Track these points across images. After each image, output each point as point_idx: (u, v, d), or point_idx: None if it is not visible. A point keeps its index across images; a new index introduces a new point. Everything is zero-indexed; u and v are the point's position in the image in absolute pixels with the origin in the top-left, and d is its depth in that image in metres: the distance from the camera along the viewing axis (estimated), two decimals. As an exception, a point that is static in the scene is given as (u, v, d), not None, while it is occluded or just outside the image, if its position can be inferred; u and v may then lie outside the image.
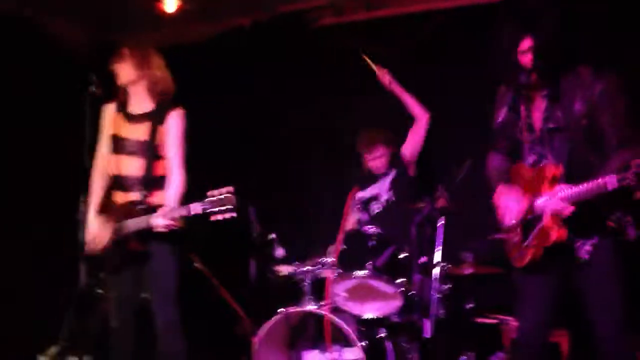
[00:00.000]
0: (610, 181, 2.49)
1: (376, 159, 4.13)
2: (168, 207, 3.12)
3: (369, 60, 4.18)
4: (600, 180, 2.53)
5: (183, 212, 3.03)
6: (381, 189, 4.13)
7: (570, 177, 2.70)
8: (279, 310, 3.65)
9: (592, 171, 2.64)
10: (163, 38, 4.82)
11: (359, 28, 4.75)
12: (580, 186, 2.61)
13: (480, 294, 3.91)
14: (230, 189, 2.96)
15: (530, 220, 2.81)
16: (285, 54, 4.87)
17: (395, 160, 4.15)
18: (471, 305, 3.83)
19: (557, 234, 2.68)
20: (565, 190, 2.66)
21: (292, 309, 3.65)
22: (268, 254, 3.92)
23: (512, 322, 3.62)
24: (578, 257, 2.72)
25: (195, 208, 3.00)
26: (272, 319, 3.64)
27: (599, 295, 2.72)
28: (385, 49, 4.47)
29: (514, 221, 2.91)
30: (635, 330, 2.96)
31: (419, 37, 4.44)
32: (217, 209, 2.95)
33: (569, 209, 2.64)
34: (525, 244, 2.82)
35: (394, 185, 4.10)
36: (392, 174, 4.14)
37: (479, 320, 3.88)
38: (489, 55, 2.86)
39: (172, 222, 3.07)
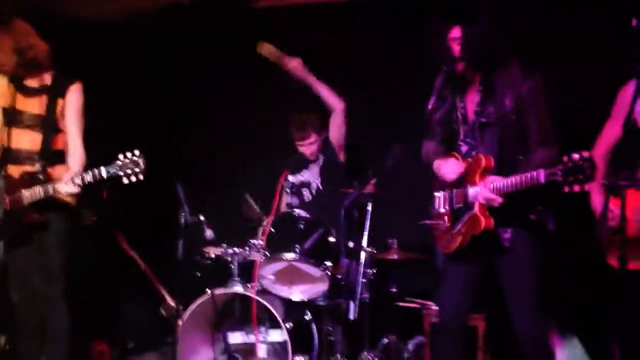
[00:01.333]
0: (539, 176, 2.62)
1: (307, 145, 4.14)
2: (73, 172, 3.14)
3: (268, 51, 4.14)
4: (530, 174, 2.66)
5: (88, 177, 3.05)
6: (312, 176, 4.16)
7: (500, 170, 2.83)
8: (205, 292, 3.63)
9: (517, 166, 2.79)
10: (90, 12, 4.65)
11: (298, 11, 4.72)
12: (511, 179, 2.73)
13: (403, 279, 4.03)
14: (137, 152, 2.99)
15: (460, 208, 2.94)
16: (222, 33, 4.79)
17: (325, 146, 4.18)
18: (394, 289, 3.94)
19: (485, 222, 2.81)
20: (497, 182, 2.78)
21: (218, 291, 3.64)
22: (197, 235, 3.89)
23: (433, 307, 3.73)
24: (500, 245, 2.87)
25: (102, 172, 3.02)
26: (198, 300, 3.63)
27: (516, 280, 2.88)
28: (324, 35, 4.47)
29: (442, 209, 3.04)
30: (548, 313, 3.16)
31: (355, 25, 4.46)
32: (124, 172, 2.98)
33: (498, 200, 2.77)
34: (454, 230, 2.94)
35: (323, 172, 4.13)
36: (322, 160, 4.16)
37: (402, 304, 4.00)
38: (426, 43, 2.95)
39: (77, 189, 3.09)
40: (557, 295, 3.59)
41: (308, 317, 3.73)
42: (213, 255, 3.87)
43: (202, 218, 3.91)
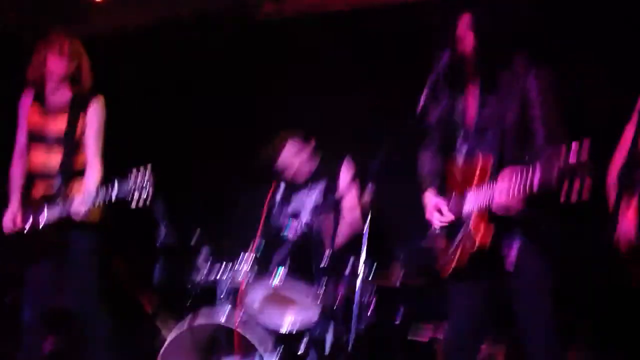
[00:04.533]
0: (534, 181, 2.28)
1: (292, 165, 3.75)
2: (87, 192, 3.08)
3: None
4: (526, 180, 2.32)
5: (102, 195, 3.00)
6: (304, 205, 3.75)
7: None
8: (184, 322, 3.33)
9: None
10: (93, 27, 4.57)
11: (303, 23, 4.52)
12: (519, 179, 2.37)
13: (412, 307, 3.65)
14: (149, 166, 2.94)
15: (455, 225, 2.61)
16: (223, 46, 4.62)
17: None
18: (400, 319, 3.55)
19: (481, 239, 2.48)
20: (507, 185, 2.38)
21: (197, 322, 3.32)
22: (189, 254, 3.63)
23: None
24: (504, 264, 2.52)
25: (112, 193, 2.97)
26: (174, 332, 3.33)
27: (526, 305, 2.53)
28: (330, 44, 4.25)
29: (437, 229, 2.71)
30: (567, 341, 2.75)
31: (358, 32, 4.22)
32: (136, 188, 2.91)
33: (517, 207, 2.38)
34: (450, 250, 2.62)
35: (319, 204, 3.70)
36: (320, 187, 3.72)
37: (411, 337, 3.60)
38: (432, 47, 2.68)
39: (87, 209, 3.07)
40: (577, 319, 3.17)
41: (301, 350, 3.37)
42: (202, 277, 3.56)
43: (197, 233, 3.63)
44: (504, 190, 2.37)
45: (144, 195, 2.90)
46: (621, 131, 2.71)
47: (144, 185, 2.90)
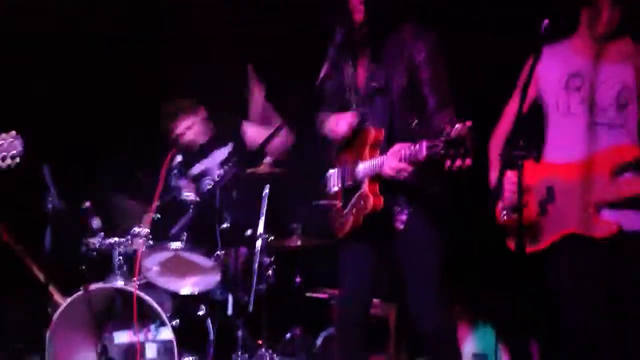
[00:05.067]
0: (421, 148, 2.33)
1: (186, 131, 3.69)
2: None
3: None
4: (415, 146, 2.37)
5: None
6: (213, 163, 3.71)
7: (392, 141, 2.54)
8: (79, 289, 3.22)
9: (414, 135, 2.50)
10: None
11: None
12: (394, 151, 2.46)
13: (310, 267, 3.73)
14: (13, 132, 2.68)
15: (350, 187, 2.68)
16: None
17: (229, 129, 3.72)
18: (298, 279, 3.63)
19: (374, 201, 2.55)
20: (405, 150, 2.43)
21: (94, 286, 3.23)
22: (80, 223, 3.48)
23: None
24: (395, 226, 2.61)
25: None
26: (69, 298, 3.21)
27: (414, 267, 2.62)
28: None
29: (335, 188, 2.76)
30: (453, 301, 2.89)
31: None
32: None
33: (409, 169, 2.42)
34: (346, 211, 2.69)
35: (231, 159, 3.68)
36: (230, 146, 3.68)
37: (309, 294, 3.69)
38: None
39: None
40: (464, 283, 3.36)
41: (202, 312, 3.37)
42: (97, 246, 3.44)
43: (87, 205, 3.49)
44: (392, 163, 2.45)
45: (9, 161, 2.67)
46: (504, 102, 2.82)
47: (8, 149, 2.67)
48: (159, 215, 3.34)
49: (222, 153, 3.70)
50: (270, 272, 3.44)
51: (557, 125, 2.55)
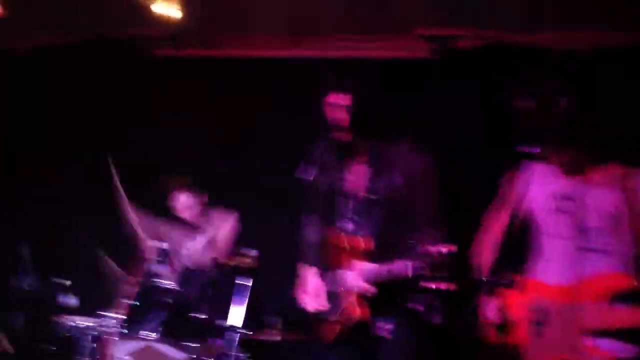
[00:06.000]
0: (407, 268, 2.39)
1: (185, 210, 3.70)
2: None
3: None
4: (399, 265, 2.43)
5: None
6: (196, 248, 3.68)
7: (381, 252, 2.57)
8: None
9: (404, 248, 2.50)
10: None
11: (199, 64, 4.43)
12: (382, 268, 2.50)
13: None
14: None
15: (335, 294, 2.65)
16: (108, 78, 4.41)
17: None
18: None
19: (359, 312, 2.55)
20: (369, 270, 2.53)
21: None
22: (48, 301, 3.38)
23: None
24: (378, 336, 2.58)
25: None
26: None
27: None
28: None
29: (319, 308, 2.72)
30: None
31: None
32: None
33: (371, 290, 2.51)
34: (332, 318, 2.66)
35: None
36: (210, 233, 3.66)
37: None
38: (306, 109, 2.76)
39: None
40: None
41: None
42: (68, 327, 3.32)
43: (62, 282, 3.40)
44: (357, 282, 2.52)
45: None
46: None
47: None
48: (135, 302, 3.23)
49: (202, 239, 3.67)
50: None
51: (547, 246, 2.51)
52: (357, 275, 2.54)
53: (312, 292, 2.71)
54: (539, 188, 2.51)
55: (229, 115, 4.18)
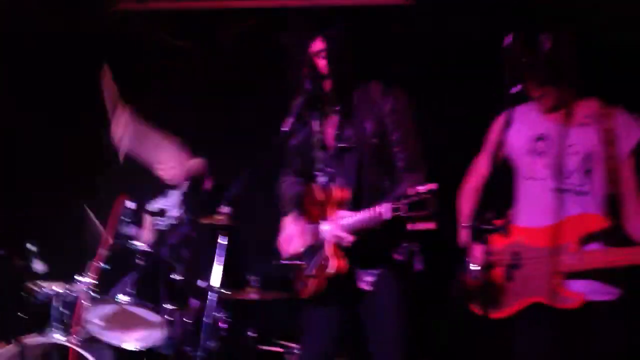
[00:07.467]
0: (385, 210, 2.29)
1: (167, 169, 3.60)
2: None
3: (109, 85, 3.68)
4: (376, 208, 2.33)
5: None
6: (169, 203, 3.60)
7: (360, 200, 2.49)
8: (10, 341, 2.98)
9: (383, 194, 2.45)
10: None
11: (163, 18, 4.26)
12: (359, 214, 2.41)
13: (266, 320, 3.56)
14: None
15: (314, 248, 2.58)
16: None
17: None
18: (253, 333, 3.45)
19: (336, 264, 2.46)
20: (346, 218, 2.44)
21: (29, 339, 2.99)
22: (23, 266, 3.26)
23: (297, 350, 3.29)
24: (360, 289, 2.53)
25: None
26: (2, 351, 2.97)
27: (380, 328, 2.54)
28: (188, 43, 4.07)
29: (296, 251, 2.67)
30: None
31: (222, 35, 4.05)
32: None
33: (349, 239, 2.43)
34: (308, 273, 2.59)
35: (186, 201, 3.58)
36: (185, 186, 3.59)
37: (262, 348, 3.51)
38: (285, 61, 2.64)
39: None
40: (430, 347, 3.25)
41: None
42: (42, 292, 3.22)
43: (32, 248, 3.29)
44: (334, 230, 2.44)
45: None
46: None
47: None
48: (106, 265, 3.13)
49: (177, 193, 3.57)
50: (224, 326, 3.27)
51: (524, 189, 2.48)
52: (334, 226, 2.46)
53: (286, 237, 2.66)
54: (519, 130, 2.45)
55: (198, 69, 4.03)
